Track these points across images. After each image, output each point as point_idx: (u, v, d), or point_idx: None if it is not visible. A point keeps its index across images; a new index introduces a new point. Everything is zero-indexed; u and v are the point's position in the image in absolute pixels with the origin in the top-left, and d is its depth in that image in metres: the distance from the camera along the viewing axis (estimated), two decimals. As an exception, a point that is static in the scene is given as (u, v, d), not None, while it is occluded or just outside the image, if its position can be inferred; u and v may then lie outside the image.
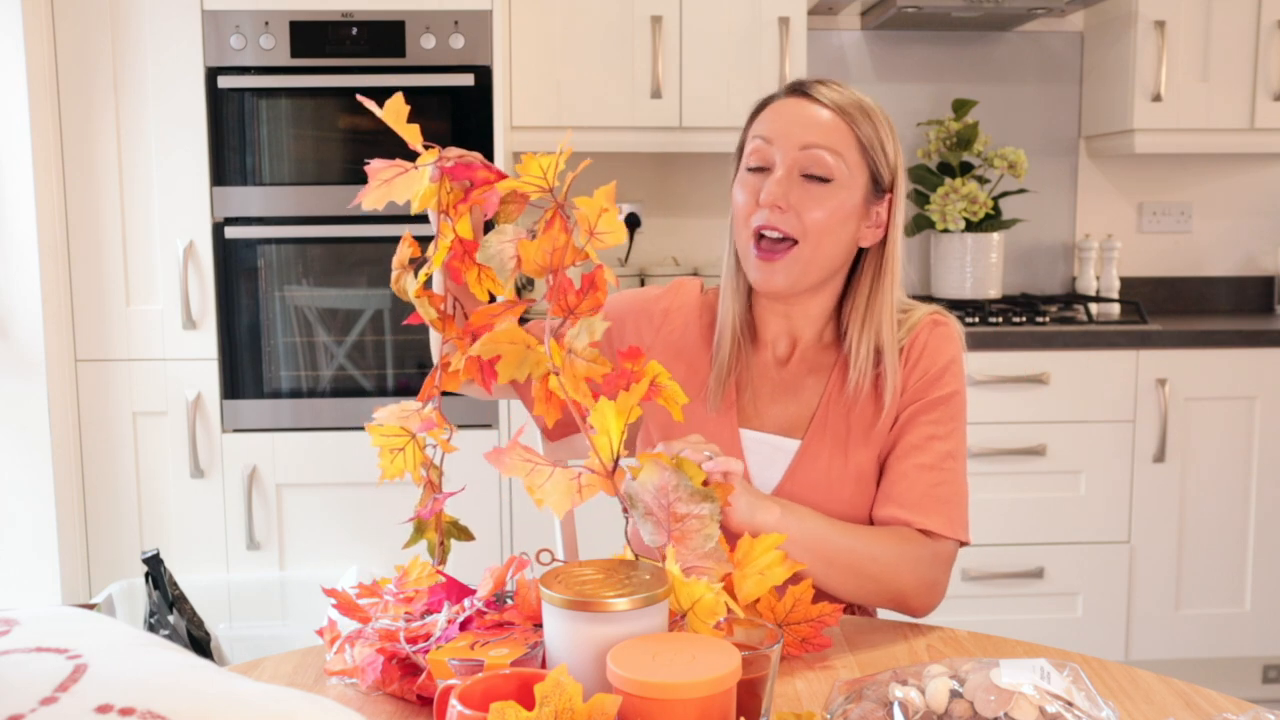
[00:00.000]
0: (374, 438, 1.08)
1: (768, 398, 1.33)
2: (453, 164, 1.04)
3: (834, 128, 1.24)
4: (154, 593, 2.33)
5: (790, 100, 1.28)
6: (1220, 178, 3.24)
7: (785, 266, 1.25)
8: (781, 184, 1.23)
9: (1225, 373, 2.69)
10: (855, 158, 1.25)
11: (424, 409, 1.08)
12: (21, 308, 2.41)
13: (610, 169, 3.11)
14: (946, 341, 1.30)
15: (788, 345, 1.34)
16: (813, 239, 1.24)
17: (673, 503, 1.00)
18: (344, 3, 2.46)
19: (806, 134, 1.24)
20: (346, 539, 2.56)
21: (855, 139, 1.25)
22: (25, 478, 2.44)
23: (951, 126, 2.98)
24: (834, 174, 1.24)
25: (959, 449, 1.27)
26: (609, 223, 1.01)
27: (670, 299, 1.40)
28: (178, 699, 0.52)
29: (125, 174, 2.49)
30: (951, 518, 1.23)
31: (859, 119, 1.25)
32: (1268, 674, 2.83)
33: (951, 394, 1.28)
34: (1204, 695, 0.99)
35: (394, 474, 1.08)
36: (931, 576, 1.20)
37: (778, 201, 1.23)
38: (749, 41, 2.76)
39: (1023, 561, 2.70)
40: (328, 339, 2.55)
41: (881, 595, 1.18)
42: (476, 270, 1.04)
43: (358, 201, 1.03)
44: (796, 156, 1.24)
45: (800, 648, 1.07)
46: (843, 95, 1.27)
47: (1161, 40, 2.83)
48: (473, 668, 0.88)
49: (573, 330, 1.02)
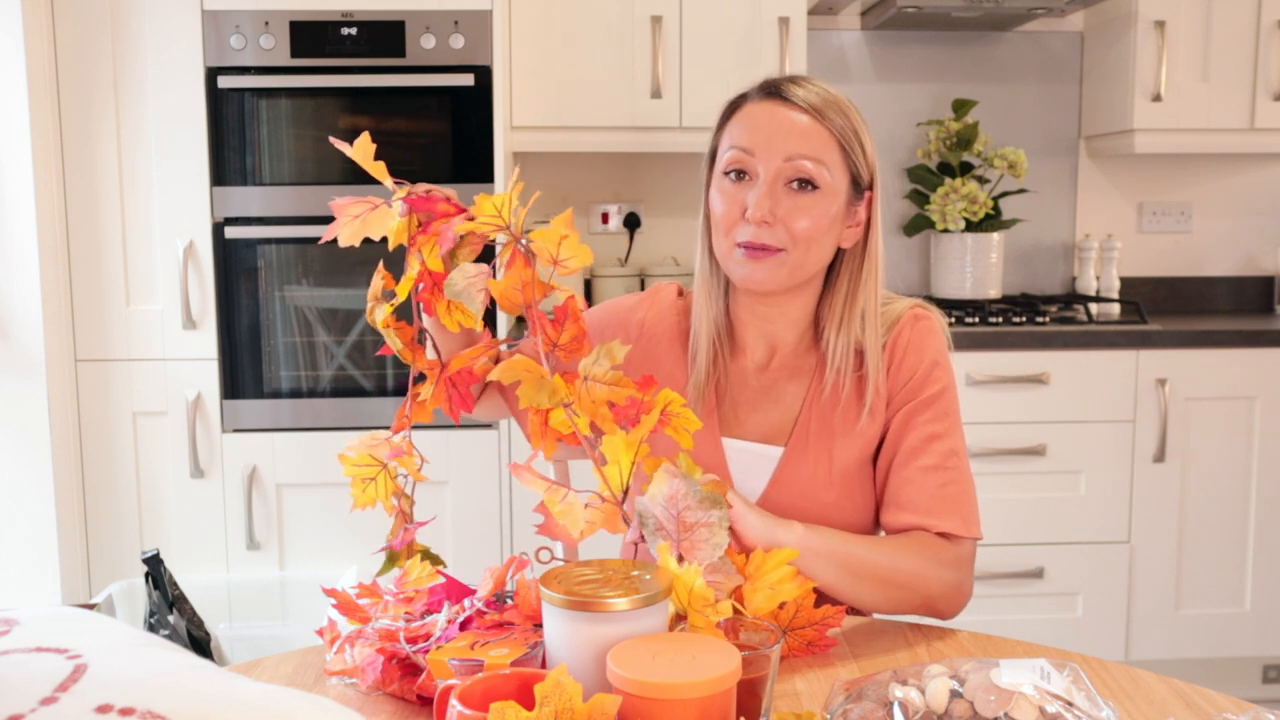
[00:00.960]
0: (345, 468, 1.08)
1: (748, 405, 1.31)
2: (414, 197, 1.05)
3: (814, 132, 1.21)
4: (154, 593, 2.33)
5: (765, 105, 1.24)
6: (1220, 178, 3.24)
7: (774, 269, 1.23)
8: (767, 198, 1.21)
9: (1225, 373, 2.69)
10: (836, 160, 1.22)
11: (394, 438, 1.08)
12: (21, 308, 2.41)
13: (610, 169, 3.11)
14: (930, 336, 1.28)
15: (767, 350, 1.32)
16: (801, 247, 1.22)
17: (682, 511, 1.00)
18: (344, 3, 2.46)
19: (789, 144, 1.21)
20: (346, 539, 2.56)
21: (834, 139, 1.22)
22: (25, 478, 2.44)
23: (951, 126, 2.98)
24: (820, 181, 1.21)
25: (959, 445, 1.26)
26: (571, 248, 1.01)
27: (646, 309, 1.37)
28: (178, 699, 0.52)
29: (125, 174, 2.50)
30: (965, 517, 1.22)
31: (834, 116, 1.22)
32: (1268, 674, 2.83)
33: (942, 390, 1.26)
34: (1204, 695, 0.99)
35: (365, 503, 1.09)
36: (956, 578, 1.20)
37: (765, 217, 1.21)
38: (749, 41, 2.76)
39: (1023, 561, 2.70)
40: (328, 339, 2.55)
41: (912, 603, 1.18)
42: (446, 302, 1.05)
43: (327, 238, 1.04)
44: (781, 167, 1.21)
45: (806, 651, 1.08)
46: (816, 94, 1.23)
47: (1161, 40, 2.83)
48: (473, 668, 0.88)
49: (589, 359, 1.02)
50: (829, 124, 1.22)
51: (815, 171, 1.21)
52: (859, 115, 1.25)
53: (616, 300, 1.42)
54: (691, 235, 3.12)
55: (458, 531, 2.58)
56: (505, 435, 2.56)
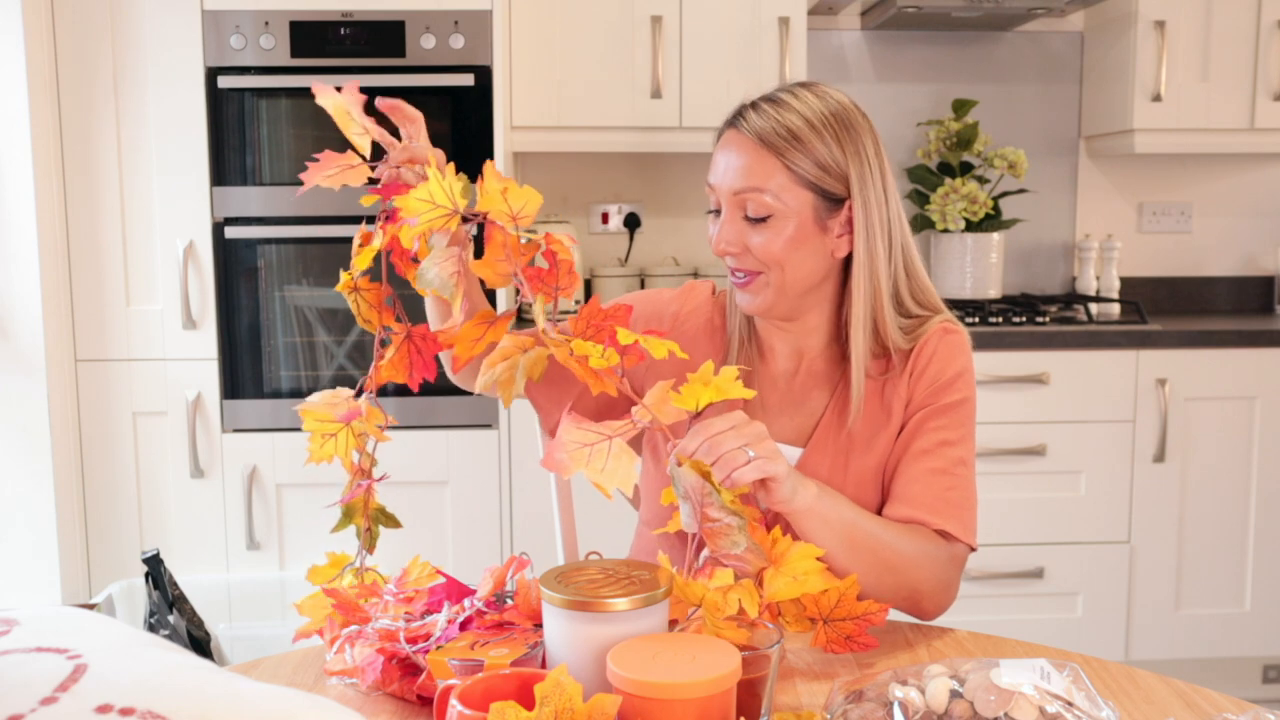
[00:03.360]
0: (307, 421, 1.09)
1: (775, 410, 1.33)
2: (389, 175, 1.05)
3: (757, 166, 1.23)
4: (154, 593, 2.33)
5: (727, 135, 1.29)
6: (1220, 178, 3.24)
7: (760, 291, 1.27)
8: (725, 230, 1.26)
9: (1225, 373, 2.69)
10: (789, 187, 1.23)
11: (356, 398, 1.09)
12: (21, 308, 2.41)
13: (610, 169, 3.11)
14: (958, 350, 1.30)
15: (794, 358, 1.34)
16: (775, 268, 1.25)
17: (705, 505, 1.00)
18: (344, 3, 2.46)
19: (735, 179, 1.25)
20: (346, 539, 2.55)
21: (785, 169, 1.23)
22: (25, 478, 2.44)
23: (951, 126, 2.98)
24: (770, 210, 1.24)
25: (968, 456, 1.27)
26: (519, 195, 1.00)
27: (681, 304, 1.40)
28: (178, 699, 0.52)
29: (125, 174, 2.49)
30: (964, 521, 1.23)
31: (786, 148, 1.23)
32: (1268, 674, 2.83)
33: (962, 400, 1.28)
34: (1204, 695, 0.99)
35: (321, 458, 1.09)
36: (946, 577, 1.20)
37: (729, 249, 1.26)
38: (749, 41, 2.76)
39: (1023, 561, 2.70)
40: (328, 339, 2.55)
41: (898, 590, 1.17)
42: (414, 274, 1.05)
43: (306, 188, 1.05)
44: (732, 200, 1.26)
45: (844, 646, 1.07)
46: (771, 122, 1.24)
47: (1161, 40, 2.83)
48: (473, 668, 0.88)
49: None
50: (776, 152, 1.23)
51: (760, 200, 1.24)
52: (827, 122, 1.24)
53: (653, 291, 1.45)
54: (691, 235, 3.14)
55: (458, 531, 2.58)
56: (505, 435, 2.56)
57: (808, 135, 1.24)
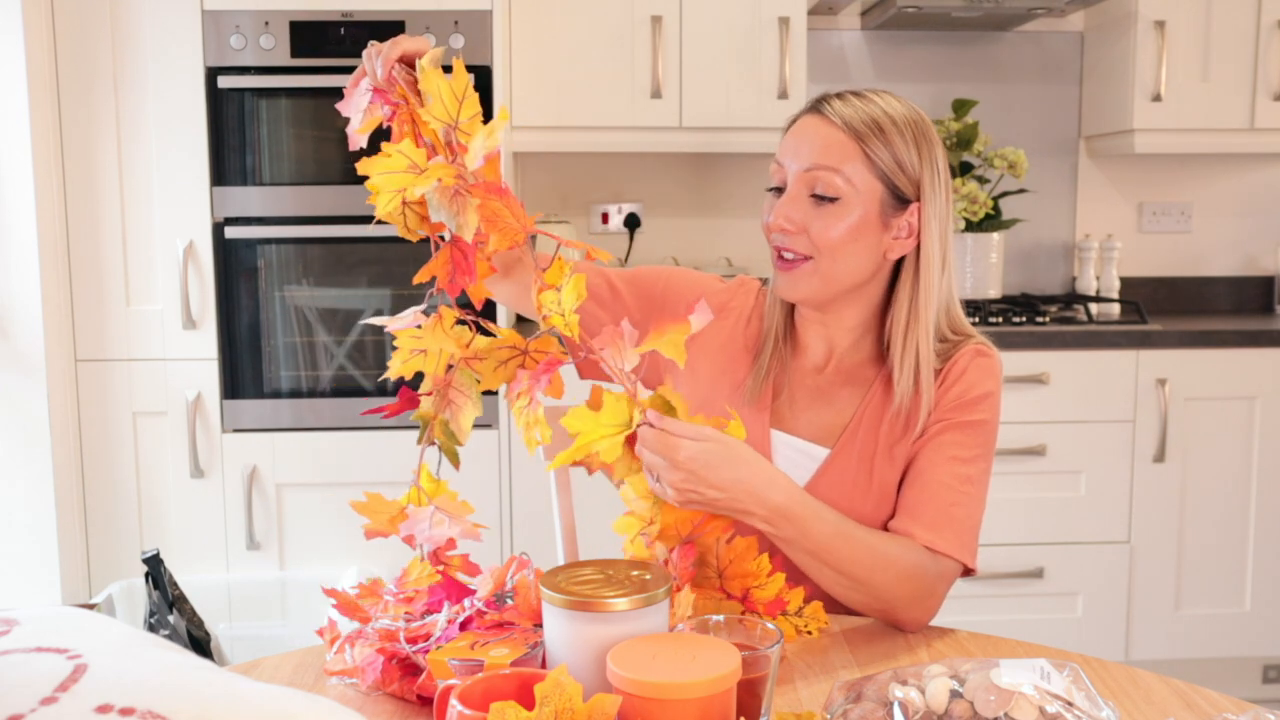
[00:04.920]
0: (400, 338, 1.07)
1: (804, 403, 1.33)
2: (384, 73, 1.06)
3: (838, 147, 1.24)
4: (154, 593, 2.33)
5: (806, 119, 1.29)
6: (1220, 178, 3.24)
7: (804, 278, 1.26)
8: (787, 206, 1.25)
9: (1225, 373, 2.69)
10: (863, 174, 1.24)
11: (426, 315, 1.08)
12: (21, 308, 2.41)
13: (610, 169, 3.11)
14: (988, 374, 1.29)
15: (825, 353, 1.34)
16: (826, 255, 1.25)
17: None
18: (344, 3, 2.46)
19: (811, 155, 1.25)
20: (346, 539, 2.56)
21: (863, 155, 1.24)
22: (25, 477, 2.44)
23: (951, 126, 2.98)
24: (839, 193, 1.24)
25: (979, 477, 1.26)
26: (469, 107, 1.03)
27: (728, 296, 1.41)
28: (178, 699, 0.52)
29: (125, 174, 2.49)
30: (962, 539, 1.21)
31: (869, 137, 1.24)
32: (1268, 674, 2.83)
33: (983, 421, 1.27)
34: (1204, 695, 0.99)
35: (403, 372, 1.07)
36: (925, 590, 1.17)
37: (785, 225, 1.25)
38: (749, 41, 2.76)
39: (1023, 561, 2.70)
40: (328, 339, 2.55)
41: (869, 598, 1.16)
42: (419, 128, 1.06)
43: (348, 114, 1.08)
44: (802, 177, 1.25)
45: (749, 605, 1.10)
46: (858, 111, 1.26)
47: (1161, 40, 2.83)
48: (473, 668, 0.88)
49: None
50: (859, 138, 1.24)
51: (831, 180, 1.24)
52: (908, 124, 1.27)
53: (704, 274, 1.46)
54: (692, 235, 3.14)
55: (458, 531, 2.57)
56: (505, 435, 2.56)
57: (890, 130, 1.26)
